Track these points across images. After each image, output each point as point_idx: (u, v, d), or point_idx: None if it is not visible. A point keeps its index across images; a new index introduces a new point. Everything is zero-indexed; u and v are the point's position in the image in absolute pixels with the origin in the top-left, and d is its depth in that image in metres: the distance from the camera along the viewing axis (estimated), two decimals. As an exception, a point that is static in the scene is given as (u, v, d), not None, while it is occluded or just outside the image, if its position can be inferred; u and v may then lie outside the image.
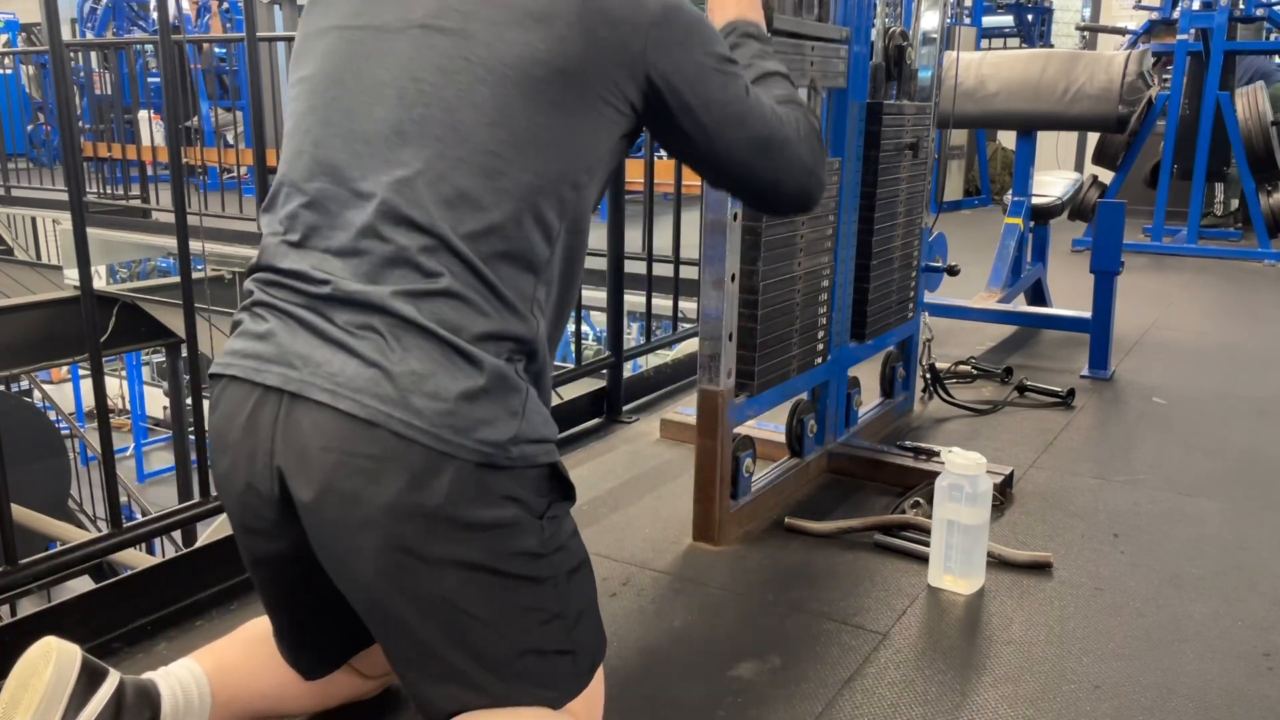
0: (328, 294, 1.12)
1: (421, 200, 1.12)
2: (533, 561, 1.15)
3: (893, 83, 2.52)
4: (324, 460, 1.08)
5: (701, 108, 1.26)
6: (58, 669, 1.11)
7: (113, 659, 1.61)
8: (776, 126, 1.34)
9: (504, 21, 1.15)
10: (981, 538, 1.84)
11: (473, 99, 1.14)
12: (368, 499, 1.07)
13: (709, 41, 1.28)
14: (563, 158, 1.18)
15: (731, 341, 1.98)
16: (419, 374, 1.07)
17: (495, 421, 1.09)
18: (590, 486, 2.25)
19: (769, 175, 1.37)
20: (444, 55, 1.16)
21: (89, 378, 9.28)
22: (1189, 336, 3.93)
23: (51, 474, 6.22)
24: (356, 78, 1.19)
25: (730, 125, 1.29)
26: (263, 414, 1.12)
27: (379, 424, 1.06)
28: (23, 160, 9.69)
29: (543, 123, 1.16)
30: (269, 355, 1.13)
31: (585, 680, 1.22)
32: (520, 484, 1.13)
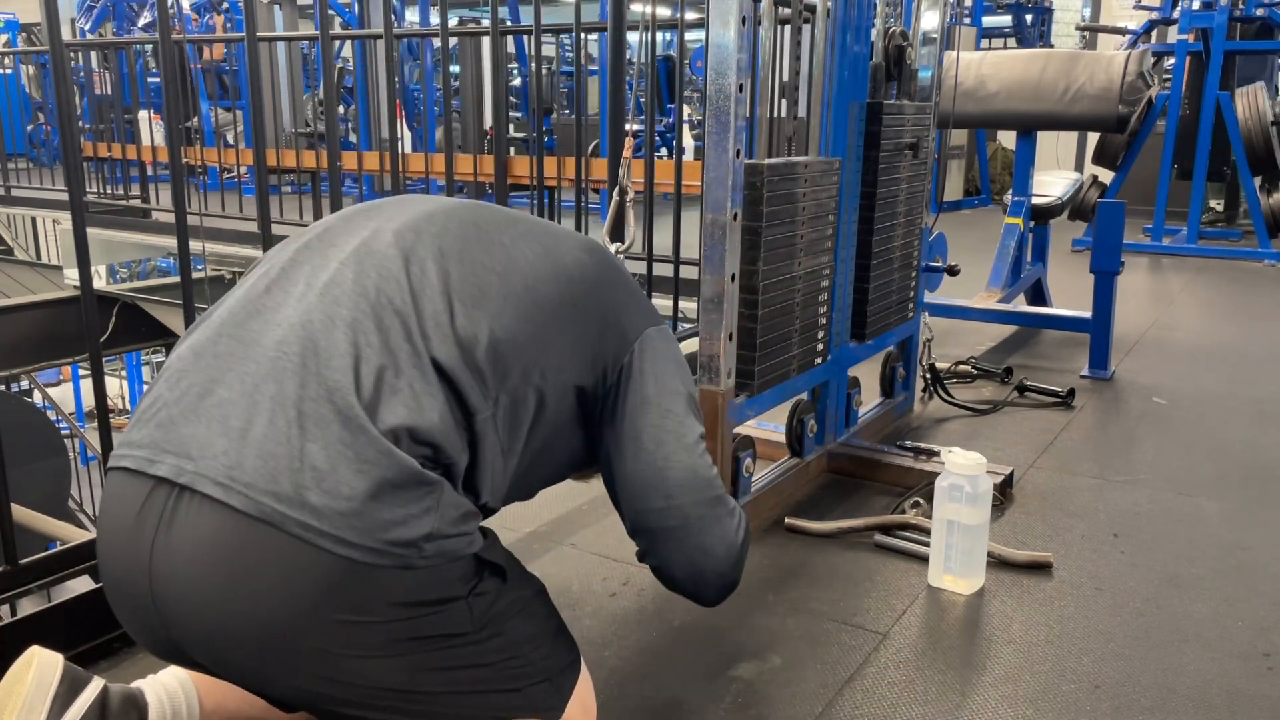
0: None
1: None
2: (466, 638, 1.11)
3: (893, 83, 2.52)
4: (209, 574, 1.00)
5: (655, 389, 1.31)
6: (38, 675, 1.10)
7: (112, 659, 1.61)
8: (723, 491, 1.35)
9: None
10: (981, 538, 1.84)
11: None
12: (262, 615, 1.00)
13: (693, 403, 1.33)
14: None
15: (731, 341, 1.98)
16: (319, 469, 1.01)
17: (406, 520, 1.03)
18: (590, 486, 2.25)
19: (703, 530, 1.33)
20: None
21: (89, 378, 9.28)
22: (1189, 336, 3.93)
23: (51, 474, 6.21)
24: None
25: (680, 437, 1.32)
26: (149, 508, 1.04)
27: (274, 524, 0.99)
28: (23, 160, 9.68)
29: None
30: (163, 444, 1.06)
31: (568, 691, 1.22)
32: (440, 580, 1.07)
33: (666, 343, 1.34)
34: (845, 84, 2.31)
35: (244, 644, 1.02)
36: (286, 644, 1.02)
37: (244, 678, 1.08)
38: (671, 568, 1.35)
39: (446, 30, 3.01)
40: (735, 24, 1.79)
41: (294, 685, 1.06)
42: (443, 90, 5.13)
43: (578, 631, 1.32)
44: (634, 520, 1.32)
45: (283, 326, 1.10)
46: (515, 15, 8.33)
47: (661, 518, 1.30)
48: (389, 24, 2.68)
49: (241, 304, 1.16)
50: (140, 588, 1.03)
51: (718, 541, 1.33)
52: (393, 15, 2.74)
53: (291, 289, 1.15)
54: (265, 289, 1.16)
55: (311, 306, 1.11)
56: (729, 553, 1.34)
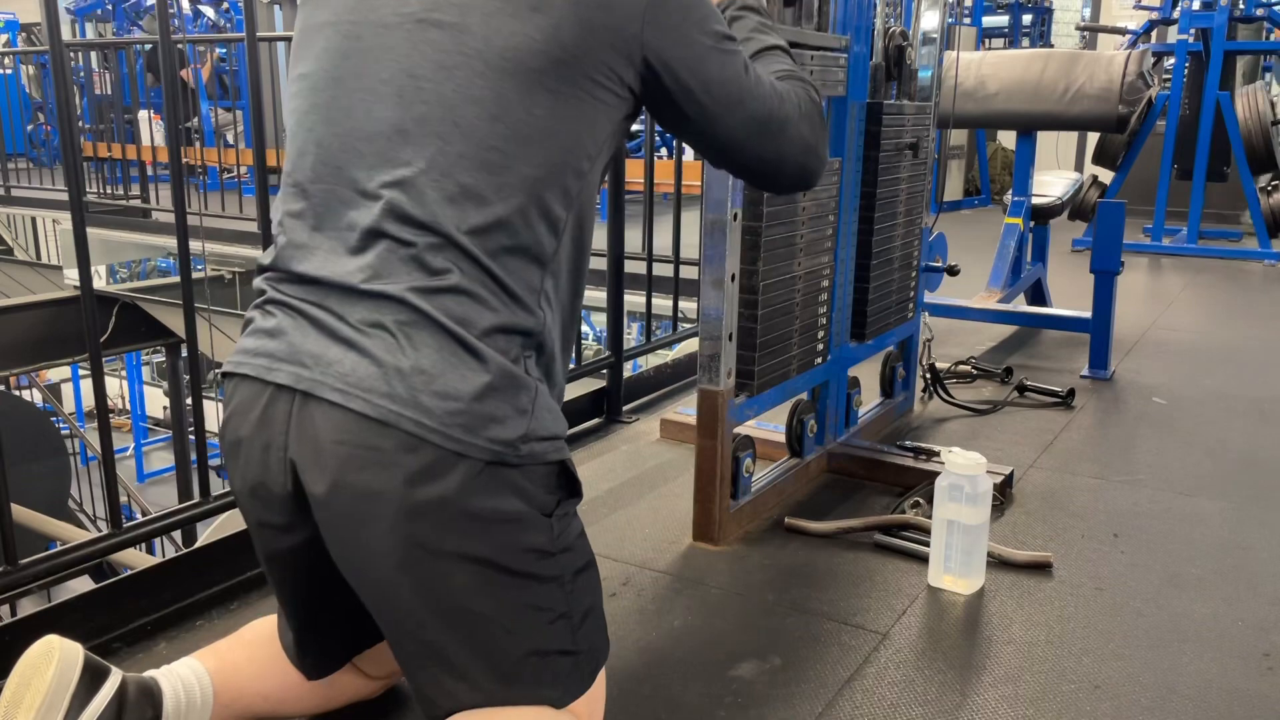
0: (338, 292, 1.13)
1: (425, 198, 1.12)
2: (540, 559, 1.15)
3: (893, 83, 2.52)
4: (337, 454, 1.08)
5: (700, 89, 1.26)
6: (60, 668, 1.11)
7: (113, 659, 1.60)
8: (776, 105, 1.34)
9: (499, 12, 1.15)
10: (981, 538, 1.84)
11: (472, 94, 1.14)
12: (380, 492, 1.07)
13: (707, 20, 1.26)
14: (564, 147, 1.18)
15: (731, 341, 1.98)
16: (428, 373, 1.08)
17: (505, 419, 1.10)
18: (590, 486, 2.25)
19: (769, 154, 1.36)
20: (441, 50, 1.15)
21: (89, 378, 9.27)
22: (1189, 336, 3.93)
23: (51, 474, 6.22)
24: (355, 76, 1.19)
25: (730, 106, 1.29)
26: (275, 411, 1.12)
27: (390, 423, 1.07)
28: (23, 160, 9.68)
29: (542, 114, 1.15)
30: (280, 354, 1.13)
31: (588, 681, 1.22)
32: (529, 481, 1.13)
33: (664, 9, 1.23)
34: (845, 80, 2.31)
35: (360, 506, 1.09)
36: (392, 517, 1.08)
37: (349, 538, 1.12)
38: (761, 183, 1.52)
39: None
40: (735, 24, 1.79)
41: (379, 566, 1.11)
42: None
43: (578, 631, 1.32)
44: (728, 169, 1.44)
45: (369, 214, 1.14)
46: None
47: (741, 174, 1.44)
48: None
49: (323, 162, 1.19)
50: (274, 459, 1.13)
51: (790, 153, 1.38)
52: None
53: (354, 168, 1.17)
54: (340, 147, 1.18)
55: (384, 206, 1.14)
56: (805, 155, 1.40)
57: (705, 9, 1.27)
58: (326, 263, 1.15)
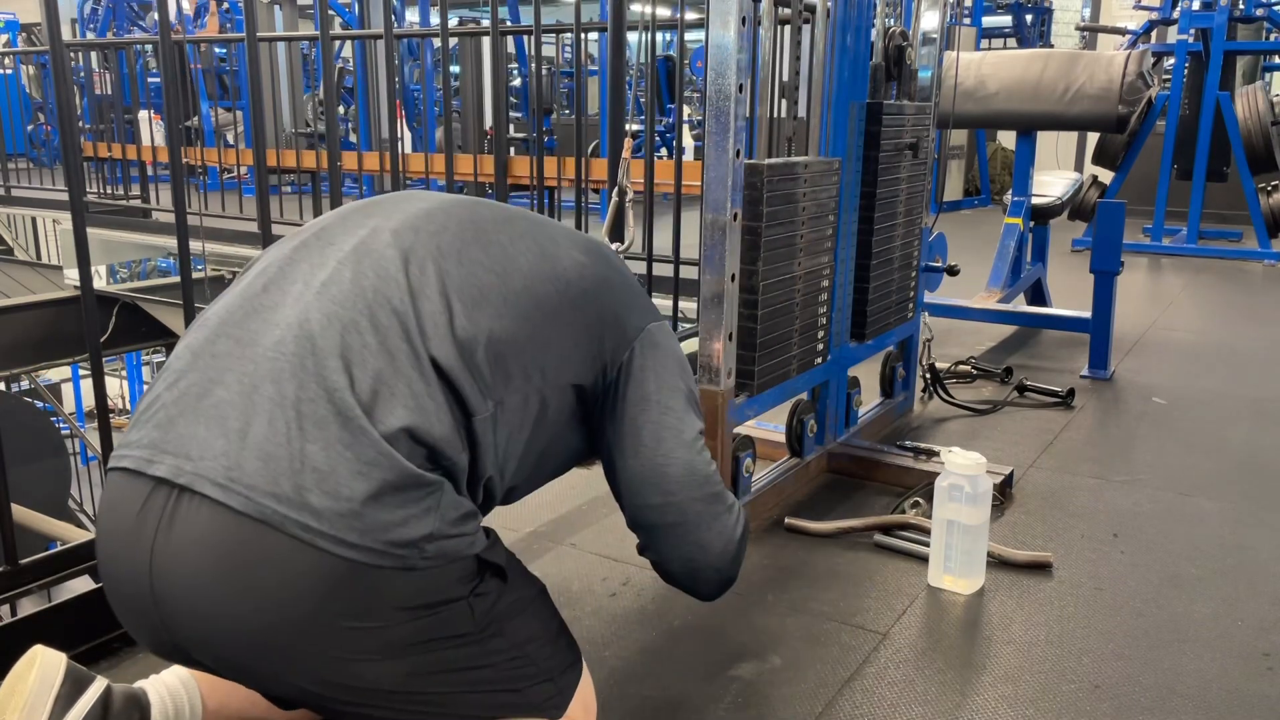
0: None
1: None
2: (468, 638, 1.11)
3: (893, 83, 2.52)
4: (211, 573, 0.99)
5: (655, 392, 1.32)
6: (41, 674, 1.11)
7: (113, 659, 1.61)
8: (722, 489, 1.37)
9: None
10: (981, 538, 1.84)
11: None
12: (263, 616, 1.00)
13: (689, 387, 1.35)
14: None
15: (731, 341, 1.98)
16: (319, 470, 1.01)
17: (407, 520, 1.03)
18: (590, 487, 2.25)
19: (701, 529, 1.34)
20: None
21: (89, 378, 9.26)
22: (1189, 336, 3.93)
23: (51, 474, 6.21)
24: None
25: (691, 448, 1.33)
26: (150, 509, 1.04)
27: (274, 525, 0.99)
28: (23, 160, 9.68)
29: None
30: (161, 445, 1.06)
31: (570, 692, 1.22)
32: (442, 581, 1.07)
33: (667, 339, 1.35)
34: (845, 84, 2.31)
35: (245, 644, 1.01)
36: (287, 645, 1.01)
37: (246, 677, 1.08)
38: (669, 562, 1.36)
39: (446, 30, 3.01)
40: (735, 24, 1.79)
41: (295, 685, 1.06)
42: (443, 90, 5.13)
43: (578, 631, 1.32)
44: (633, 515, 1.33)
45: (280, 326, 1.10)
46: (515, 15, 8.33)
47: (660, 514, 1.31)
48: (389, 24, 2.68)
49: (239, 303, 1.16)
50: (141, 588, 1.03)
51: (715, 537, 1.33)
52: (393, 15, 2.74)
53: (289, 288, 1.14)
54: (263, 288, 1.16)
55: (309, 306, 1.11)
56: (726, 548, 1.35)
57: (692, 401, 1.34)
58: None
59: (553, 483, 1.37)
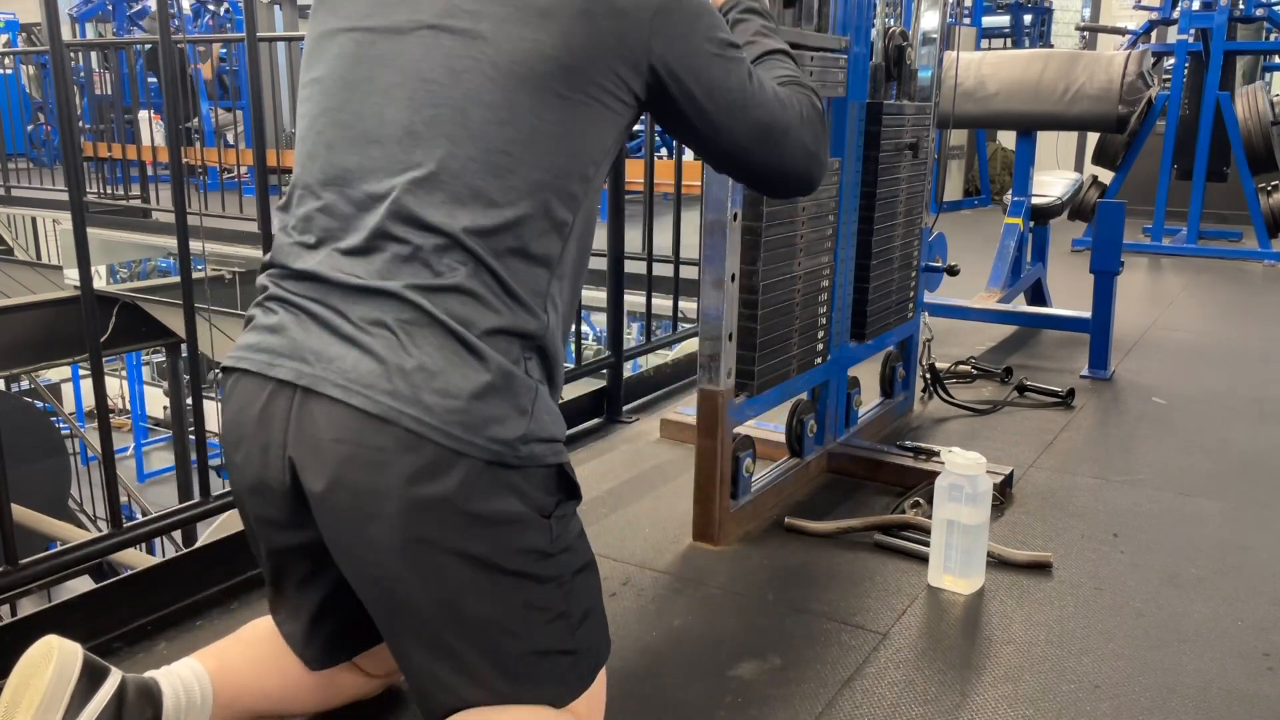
0: (340, 290, 1.14)
1: (434, 200, 1.13)
2: (539, 560, 1.15)
3: (893, 83, 2.52)
4: (336, 452, 1.09)
5: (704, 96, 1.27)
6: (59, 668, 1.11)
7: (113, 659, 1.60)
8: (779, 112, 1.35)
9: (510, 19, 1.16)
10: (981, 538, 1.84)
11: (482, 98, 1.15)
12: (378, 490, 1.08)
13: (712, 28, 1.28)
14: (571, 152, 1.19)
15: (731, 341, 1.98)
16: (429, 370, 1.08)
17: (505, 419, 1.10)
18: (590, 486, 2.25)
19: (772, 160, 1.38)
20: (452, 55, 1.16)
21: (89, 378, 9.27)
22: (1189, 336, 3.93)
23: (51, 474, 6.22)
24: (368, 80, 1.20)
25: (733, 113, 1.30)
26: (276, 407, 1.13)
27: (390, 420, 1.07)
28: (23, 160, 9.68)
29: (550, 119, 1.17)
30: (282, 349, 1.14)
31: (588, 680, 1.23)
32: (528, 482, 1.13)
33: (671, 19, 1.24)
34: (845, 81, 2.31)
35: (359, 504, 1.09)
36: (392, 515, 1.08)
37: (348, 535, 1.13)
38: (765, 189, 1.55)
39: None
40: (735, 24, 1.79)
41: (375, 561, 1.12)
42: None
43: (578, 631, 1.32)
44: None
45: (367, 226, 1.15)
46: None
47: (743, 174, 1.44)
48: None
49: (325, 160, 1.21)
50: (273, 460, 1.14)
51: (791, 160, 1.40)
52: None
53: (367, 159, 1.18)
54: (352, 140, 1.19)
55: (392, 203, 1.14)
56: (806, 162, 1.41)
57: (711, 17, 1.28)
58: (330, 261, 1.16)
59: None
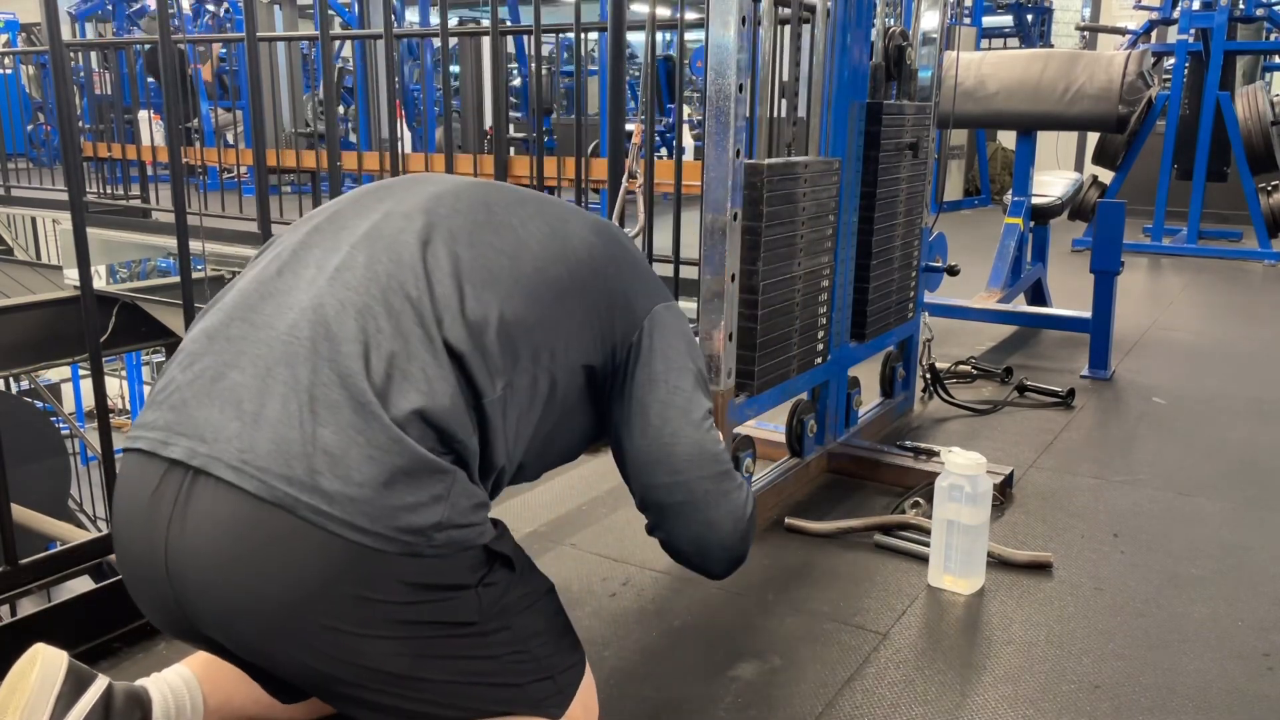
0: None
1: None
2: (473, 627, 1.12)
3: (893, 83, 2.52)
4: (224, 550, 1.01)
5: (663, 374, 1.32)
6: (43, 672, 1.11)
7: (113, 659, 1.61)
8: (729, 466, 1.37)
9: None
10: (981, 538, 1.84)
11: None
12: (274, 593, 1.01)
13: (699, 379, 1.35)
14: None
15: (731, 341, 1.98)
16: (332, 454, 1.02)
17: (417, 507, 1.04)
18: (590, 486, 2.25)
19: (709, 495, 1.35)
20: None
21: (89, 378, 9.26)
22: (1189, 336, 3.93)
23: (51, 474, 6.21)
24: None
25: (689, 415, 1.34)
26: (164, 490, 1.05)
27: (286, 507, 1.00)
28: (23, 160, 9.67)
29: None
30: (176, 427, 1.07)
31: (571, 692, 1.22)
32: (450, 569, 1.08)
33: (675, 319, 1.34)
34: (845, 84, 2.31)
35: (255, 620, 1.03)
36: (296, 620, 1.03)
37: (255, 654, 1.09)
38: (679, 541, 1.37)
39: (446, 30, 3.01)
40: (735, 24, 1.79)
41: (302, 663, 1.07)
42: (443, 90, 5.12)
43: (578, 631, 1.31)
44: (642, 495, 1.34)
45: (294, 310, 1.11)
46: (515, 15, 8.33)
47: (669, 493, 1.32)
48: (389, 24, 2.68)
49: (254, 287, 1.16)
50: (156, 566, 1.05)
51: (725, 516, 1.34)
52: (393, 15, 2.74)
53: (303, 272, 1.15)
54: (276, 272, 1.17)
55: (323, 291, 1.12)
56: (735, 526, 1.35)
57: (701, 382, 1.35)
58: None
59: (553, 483, 1.37)
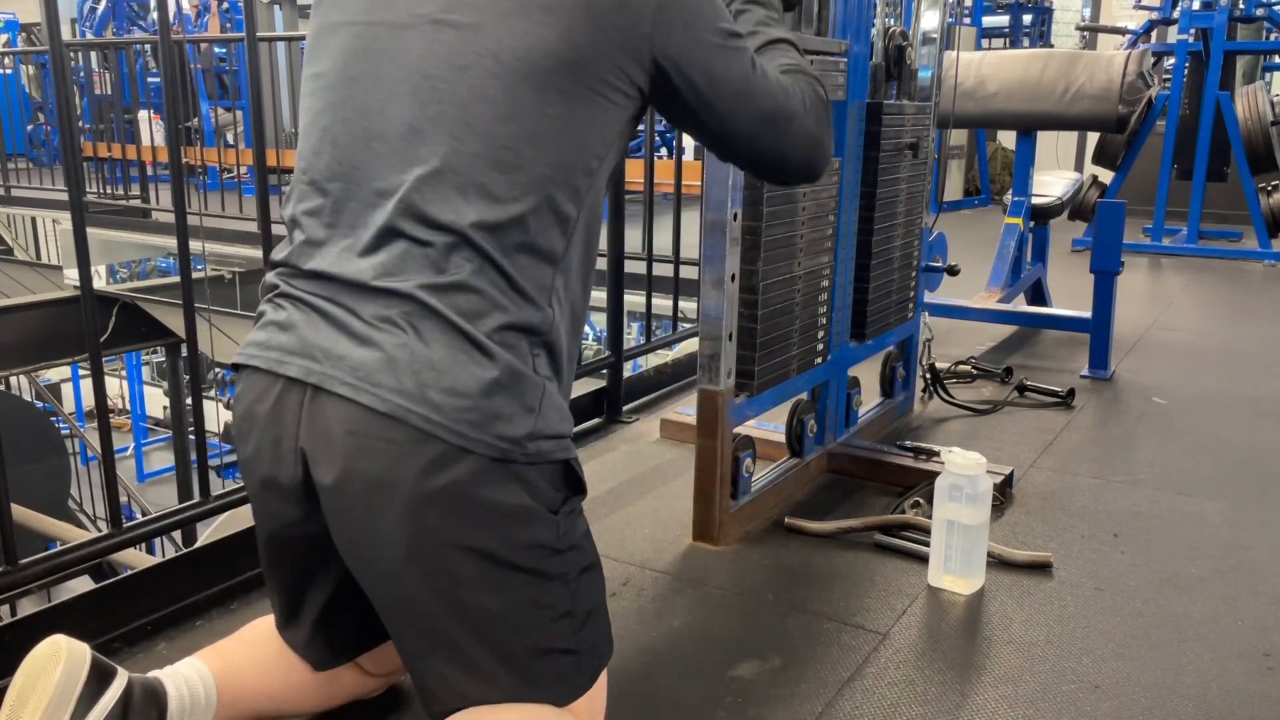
0: (350, 288, 1.14)
1: (439, 197, 1.13)
2: (545, 556, 1.16)
3: (893, 83, 2.52)
4: (347, 444, 1.10)
5: (708, 87, 1.27)
6: (67, 668, 1.11)
7: (113, 659, 1.60)
8: (783, 100, 1.35)
9: (513, 13, 1.16)
10: (981, 538, 1.84)
11: (485, 93, 1.15)
12: (388, 481, 1.09)
13: (714, 18, 1.28)
14: (575, 147, 1.19)
15: (731, 341, 1.98)
16: (437, 368, 1.09)
17: (512, 417, 1.11)
18: (590, 486, 2.24)
19: (776, 149, 1.38)
20: (455, 50, 1.16)
21: (89, 378, 9.27)
22: (1189, 336, 3.93)
23: (51, 474, 6.21)
24: (371, 75, 1.20)
25: (737, 102, 1.30)
26: (287, 403, 1.14)
27: (399, 418, 1.08)
28: (23, 160, 9.68)
29: (554, 114, 1.16)
30: (291, 347, 1.15)
31: (589, 681, 1.23)
32: (535, 478, 1.14)
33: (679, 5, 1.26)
34: (845, 84, 2.31)
35: (368, 495, 1.10)
36: (395, 506, 1.09)
37: (356, 527, 1.14)
38: (770, 176, 1.51)
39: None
40: (735, 24, 1.79)
41: (383, 555, 1.12)
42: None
43: (578, 631, 1.32)
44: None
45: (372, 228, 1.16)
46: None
47: (746, 162, 1.44)
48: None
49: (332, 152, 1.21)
50: (286, 461, 1.15)
51: (795, 146, 1.39)
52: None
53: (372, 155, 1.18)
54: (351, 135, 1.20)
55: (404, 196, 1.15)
56: (810, 150, 1.41)
57: (713, 7, 1.28)
58: (339, 260, 1.16)
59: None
